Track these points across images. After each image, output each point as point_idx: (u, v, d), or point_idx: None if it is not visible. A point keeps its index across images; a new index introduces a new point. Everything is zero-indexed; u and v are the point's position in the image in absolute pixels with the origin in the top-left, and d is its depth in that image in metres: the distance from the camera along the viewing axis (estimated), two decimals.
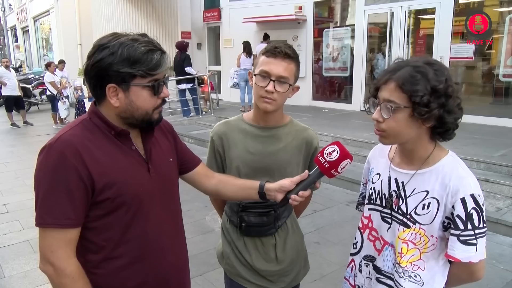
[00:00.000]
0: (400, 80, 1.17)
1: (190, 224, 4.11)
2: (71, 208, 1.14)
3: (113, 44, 1.15)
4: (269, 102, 1.50)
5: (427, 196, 1.25)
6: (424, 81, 1.15)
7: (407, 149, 1.30)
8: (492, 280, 3.06)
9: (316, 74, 10.57)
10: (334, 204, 4.78)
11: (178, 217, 1.43)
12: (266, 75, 1.48)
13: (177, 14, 12.68)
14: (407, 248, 1.28)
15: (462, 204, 1.18)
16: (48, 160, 1.14)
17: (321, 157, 1.32)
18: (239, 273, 1.67)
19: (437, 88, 1.15)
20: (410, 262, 1.28)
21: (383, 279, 1.36)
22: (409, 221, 1.28)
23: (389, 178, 1.36)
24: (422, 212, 1.26)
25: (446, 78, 1.17)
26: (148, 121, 1.25)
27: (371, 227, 1.41)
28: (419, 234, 1.27)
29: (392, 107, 1.19)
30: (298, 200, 1.37)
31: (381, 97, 1.22)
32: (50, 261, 1.15)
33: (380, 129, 1.25)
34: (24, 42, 24.42)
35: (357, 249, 1.48)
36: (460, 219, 1.18)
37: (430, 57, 1.26)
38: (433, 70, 1.17)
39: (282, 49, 1.47)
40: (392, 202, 1.33)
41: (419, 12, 8.52)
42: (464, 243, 1.18)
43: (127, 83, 1.17)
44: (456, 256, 1.20)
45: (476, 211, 1.18)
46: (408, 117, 1.18)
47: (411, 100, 1.16)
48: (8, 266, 3.44)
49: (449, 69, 1.24)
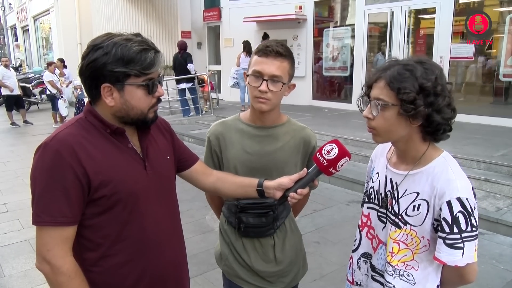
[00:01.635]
0: (388, 78, 1.18)
1: (190, 224, 4.11)
2: (67, 206, 1.15)
3: (107, 44, 1.16)
4: (264, 102, 1.49)
5: (417, 197, 1.25)
6: (412, 79, 1.15)
7: (400, 149, 1.31)
8: (492, 280, 3.06)
9: (316, 73, 10.56)
10: (334, 204, 4.78)
11: (175, 214, 1.44)
12: (259, 75, 1.47)
13: (177, 14, 12.68)
14: (399, 248, 1.28)
15: (448, 207, 1.17)
16: (44, 159, 1.15)
17: (320, 155, 1.33)
18: (238, 274, 1.66)
19: (424, 86, 1.15)
20: (403, 261, 1.28)
21: (377, 276, 1.37)
22: (400, 222, 1.28)
23: (385, 178, 1.37)
24: (413, 214, 1.25)
25: (435, 77, 1.17)
26: (143, 120, 1.26)
27: (369, 226, 1.42)
28: (410, 235, 1.26)
29: (380, 104, 1.20)
30: (297, 198, 1.38)
31: (372, 95, 1.24)
32: (47, 259, 1.15)
33: (371, 127, 1.27)
34: (24, 42, 24.42)
35: (355, 246, 1.49)
36: (446, 222, 1.17)
37: (424, 57, 1.26)
38: (422, 69, 1.17)
39: (274, 48, 1.45)
40: (387, 202, 1.34)
41: (419, 11, 8.52)
42: (449, 246, 1.17)
43: (122, 83, 1.18)
44: (442, 259, 1.19)
45: (463, 215, 1.16)
46: (396, 115, 1.19)
47: (398, 98, 1.16)
48: (8, 265, 3.43)
49: (441, 68, 1.23)
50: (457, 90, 8.32)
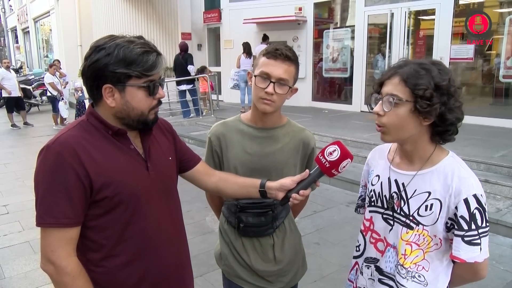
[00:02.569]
0: (405, 75, 1.20)
1: (190, 225, 4.11)
2: (70, 207, 1.16)
3: (110, 45, 1.18)
4: (268, 104, 1.50)
5: (429, 197, 1.25)
6: (428, 77, 1.18)
7: (408, 150, 1.31)
8: (492, 281, 3.06)
9: (316, 75, 10.58)
10: (334, 205, 4.78)
11: (177, 214, 1.45)
12: (266, 77, 1.48)
13: (177, 15, 12.71)
14: (411, 249, 1.29)
15: (465, 205, 1.19)
16: (46, 161, 1.17)
17: (322, 156, 1.34)
18: (238, 274, 1.67)
19: (440, 85, 1.17)
20: (414, 263, 1.29)
21: (385, 280, 1.36)
22: (412, 222, 1.28)
23: (388, 179, 1.36)
24: (425, 214, 1.26)
25: (449, 78, 1.20)
26: (144, 122, 1.27)
27: (373, 230, 1.42)
28: (422, 235, 1.27)
29: (394, 100, 1.20)
30: (299, 199, 1.39)
31: (384, 92, 1.24)
32: (51, 260, 1.17)
33: (380, 124, 1.26)
34: (25, 43, 24.48)
35: (360, 252, 1.48)
36: (464, 219, 1.19)
37: (437, 60, 1.28)
38: (437, 69, 1.20)
39: (283, 51, 1.48)
40: (393, 204, 1.33)
41: (419, 13, 8.53)
42: (468, 243, 1.19)
43: (123, 84, 1.19)
44: (462, 257, 1.20)
45: (479, 211, 1.19)
46: (409, 112, 1.20)
47: (414, 94, 1.18)
48: (8, 267, 3.44)
49: (453, 72, 1.26)
50: None
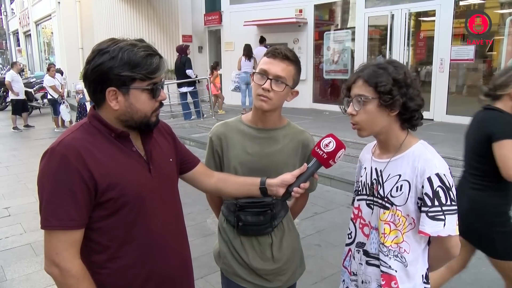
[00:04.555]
0: (366, 76, 1.37)
1: (191, 227, 4.12)
2: (75, 210, 1.16)
3: (113, 48, 1.19)
4: (265, 101, 1.54)
5: (399, 179, 1.39)
6: (386, 74, 1.34)
7: (382, 140, 1.46)
8: (492, 281, 3.06)
9: (316, 76, 10.59)
10: (335, 207, 4.78)
11: (179, 216, 1.46)
12: (264, 74, 1.53)
13: (178, 18, 12.73)
14: (390, 228, 1.41)
15: (428, 183, 1.32)
16: (50, 164, 1.17)
17: (319, 149, 1.44)
18: (236, 272, 1.69)
19: (397, 79, 1.33)
20: (395, 243, 1.40)
21: (372, 260, 1.47)
22: (387, 203, 1.42)
23: (371, 168, 1.51)
24: (396, 194, 1.39)
25: (404, 72, 1.36)
26: (147, 124, 1.29)
27: (361, 216, 1.53)
28: (397, 215, 1.39)
29: (362, 99, 1.36)
30: (300, 192, 1.46)
31: (353, 94, 1.41)
32: (55, 263, 1.17)
33: (355, 122, 1.42)
34: (26, 46, 24.55)
35: (352, 238, 1.58)
36: (428, 196, 1.32)
37: (392, 59, 1.44)
38: (393, 66, 1.37)
39: (282, 51, 1.54)
40: (373, 189, 1.48)
41: (419, 14, 8.55)
42: (432, 218, 1.31)
43: (127, 86, 1.20)
44: (426, 231, 1.32)
45: (442, 189, 1.31)
46: (376, 107, 1.36)
47: (377, 91, 1.34)
48: (10, 269, 3.45)
49: (407, 67, 1.43)
50: (457, 92, 8.33)
